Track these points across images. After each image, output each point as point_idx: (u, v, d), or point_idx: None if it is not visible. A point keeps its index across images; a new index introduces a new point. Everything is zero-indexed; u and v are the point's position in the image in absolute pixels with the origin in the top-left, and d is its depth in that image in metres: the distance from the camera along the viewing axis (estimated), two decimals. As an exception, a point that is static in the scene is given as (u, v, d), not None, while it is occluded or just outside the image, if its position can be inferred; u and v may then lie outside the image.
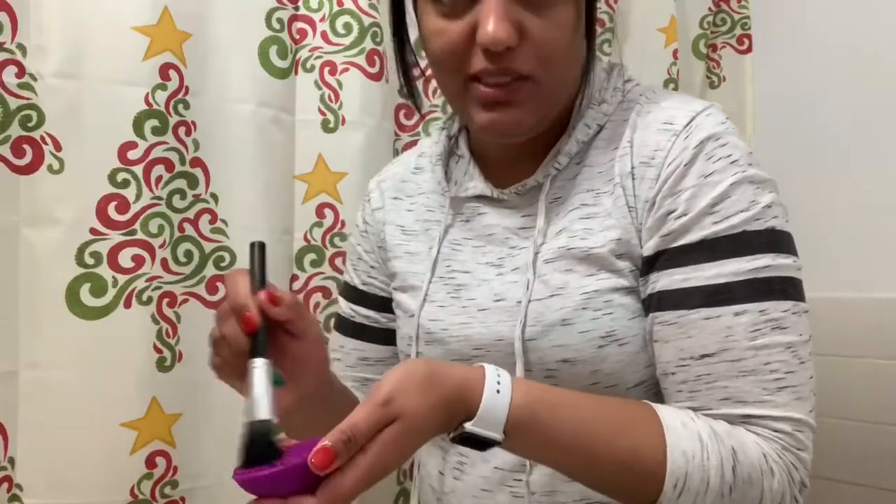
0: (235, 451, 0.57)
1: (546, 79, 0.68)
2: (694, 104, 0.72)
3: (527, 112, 0.69)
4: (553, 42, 0.67)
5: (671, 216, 0.67)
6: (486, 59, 0.66)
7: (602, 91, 0.75)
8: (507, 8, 0.65)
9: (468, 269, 0.78)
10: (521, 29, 0.65)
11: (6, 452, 1.01)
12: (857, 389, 1.35)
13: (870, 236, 1.36)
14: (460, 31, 0.67)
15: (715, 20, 1.58)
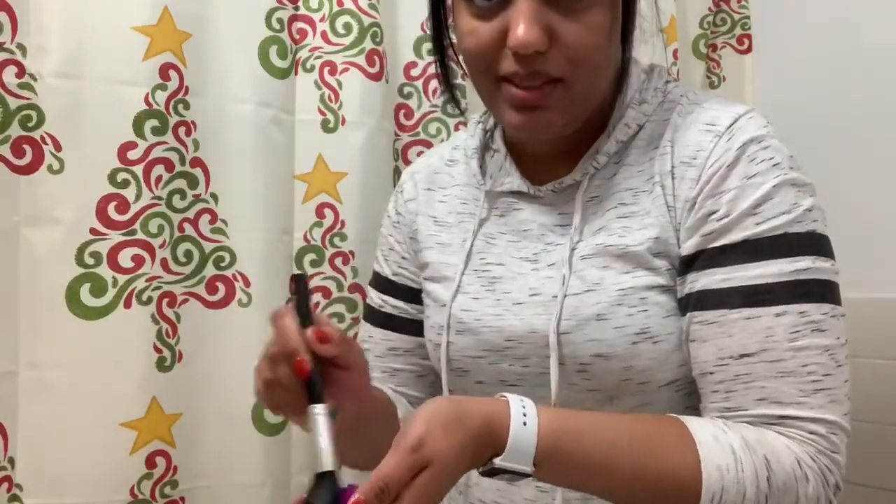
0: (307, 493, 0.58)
1: (577, 82, 0.68)
2: (736, 107, 0.72)
3: (557, 114, 0.70)
4: (584, 46, 0.66)
5: (713, 216, 0.68)
6: (515, 62, 0.67)
7: (642, 91, 0.75)
8: (538, 11, 0.65)
9: (503, 262, 0.79)
10: (552, 33, 0.65)
11: (6, 452, 1.01)
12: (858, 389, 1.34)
13: (870, 236, 1.36)
14: (491, 32, 0.67)
15: (715, 20, 1.58)
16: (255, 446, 1.13)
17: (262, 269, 1.14)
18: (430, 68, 1.28)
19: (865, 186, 1.37)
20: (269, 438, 1.13)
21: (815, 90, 1.46)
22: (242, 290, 1.13)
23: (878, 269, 1.35)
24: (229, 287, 1.13)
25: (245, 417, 1.12)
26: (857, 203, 1.38)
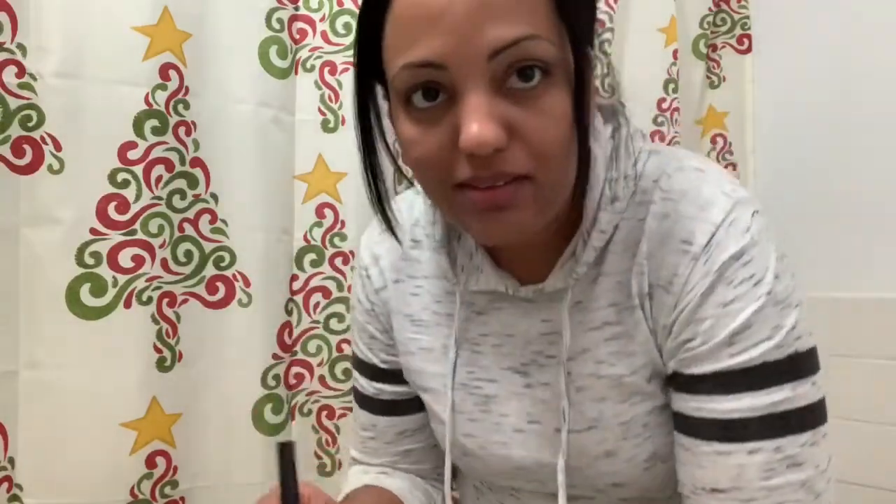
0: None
1: (546, 177, 0.59)
2: (713, 210, 0.63)
3: (528, 214, 0.60)
4: (548, 137, 0.57)
5: (688, 344, 0.63)
6: (472, 166, 0.57)
7: (612, 183, 0.67)
8: (491, 105, 0.55)
9: (493, 378, 0.73)
10: (510, 126, 0.56)
11: (6, 452, 1.01)
12: (858, 389, 1.35)
13: (870, 236, 1.36)
14: (440, 137, 0.58)
15: (715, 20, 1.58)
16: (255, 446, 1.13)
17: (262, 269, 1.14)
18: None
19: (865, 186, 1.37)
20: (269, 438, 1.13)
21: (814, 90, 1.46)
22: (242, 290, 1.13)
23: (878, 269, 1.35)
24: (229, 287, 1.13)
25: (245, 417, 1.12)
26: (856, 203, 1.38)
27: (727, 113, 1.58)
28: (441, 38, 0.55)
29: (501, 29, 0.54)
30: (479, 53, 0.54)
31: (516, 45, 0.55)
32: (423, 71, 0.56)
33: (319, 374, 1.19)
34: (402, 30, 0.57)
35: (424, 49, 0.55)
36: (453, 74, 0.55)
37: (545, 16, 0.56)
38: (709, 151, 1.58)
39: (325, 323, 1.19)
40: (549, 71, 0.56)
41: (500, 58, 0.55)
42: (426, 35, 0.55)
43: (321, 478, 1.19)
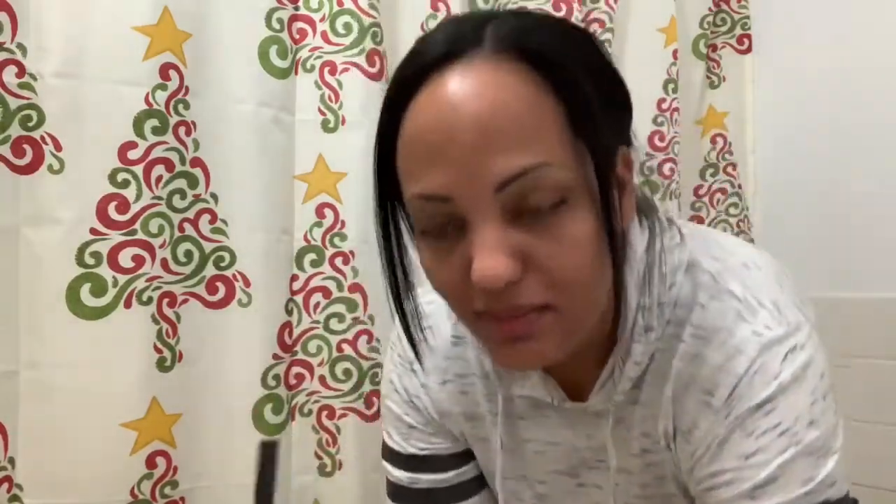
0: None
1: (568, 306, 0.55)
2: (740, 359, 0.59)
3: (550, 345, 0.56)
4: (567, 265, 0.53)
5: (711, 492, 0.60)
6: (486, 299, 0.54)
7: (645, 312, 0.62)
8: (502, 236, 0.52)
9: (542, 479, 0.72)
10: (524, 256, 0.53)
11: (6, 452, 1.01)
12: (857, 389, 1.35)
13: (870, 236, 1.36)
14: (454, 268, 0.55)
15: (715, 20, 1.58)
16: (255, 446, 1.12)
17: (262, 269, 1.14)
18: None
19: (865, 186, 1.37)
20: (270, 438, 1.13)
21: (814, 90, 1.46)
22: (242, 290, 1.13)
23: (878, 269, 1.35)
24: (229, 287, 1.13)
25: (245, 417, 1.12)
26: (856, 203, 1.38)
27: (727, 113, 1.59)
28: (445, 172, 0.52)
29: (508, 159, 0.51)
30: (485, 186, 0.51)
31: (524, 176, 0.51)
32: (430, 204, 0.54)
33: (319, 374, 1.19)
34: (409, 158, 0.55)
35: (430, 181, 0.53)
36: (460, 207, 0.53)
37: (557, 138, 0.53)
38: (709, 151, 1.58)
39: (326, 323, 1.19)
40: (565, 199, 0.53)
41: (509, 190, 0.52)
42: (431, 167, 0.53)
43: (321, 478, 1.19)
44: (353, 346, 1.19)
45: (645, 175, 0.64)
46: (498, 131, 0.51)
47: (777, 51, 1.55)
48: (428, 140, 0.53)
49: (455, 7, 1.29)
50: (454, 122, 0.52)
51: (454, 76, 0.53)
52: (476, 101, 0.51)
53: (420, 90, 0.54)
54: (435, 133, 0.52)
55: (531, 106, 0.52)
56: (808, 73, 1.48)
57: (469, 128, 0.51)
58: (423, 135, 0.53)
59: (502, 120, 0.51)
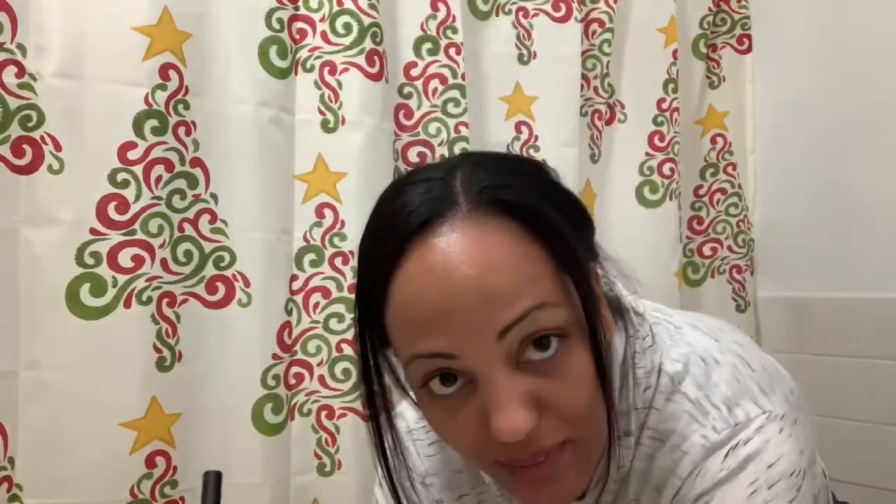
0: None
1: (584, 436, 0.57)
2: (684, 463, 0.61)
3: (573, 479, 0.58)
4: (578, 402, 0.55)
5: None
6: (508, 450, 0.54)
7: (623, 417, 0.63)
8: (513, 386, 0.53)
9: None
10: (538, 401, 0.54)
11: (6, 452, 1.01)
12: (857, 389, 1.35)
13: (870, 236, 1.36)
14: (468, 421, 0.55)
15: (715, 20, 1.58)
16: (255, 446, 1.13)
17: (262, 269, 1.14)
18: (430, 68, 1.28)
19: (865, 186, 1.37)
20: (269, 438, 1.13)
21: (814, 90, 1.46)
22: (242, 290, 1.13)
23: (878, 269, 1.35)
24: (229, 287, 1.13)
25: (245, 417, 1.12)
26: (857, 202, 1.38)
27: (727, 113, 1.58)
28: (447, 334, 0.53)
29: (506, 310, 0.53)
30: (488, 338, 0.53)
31: (525, 319, 0.53)
32: (435, 360, 0.54)
33: (319, 373, 1.19)
34: (405, 323, 0.55)
35: (432, 343, 0.53)
36: (466, 362, 0.53)
37: (548, 281, 0.54)
38: (709, 151, 1.58)
39: (325, 323, 1.19)
40: (563, 334, 0.54)
41: (511, 334, 0.53)
42: (432, 332, 0.53)
43: (320, 478, 1.19)
44: (352, 346, 1.18)
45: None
46: (495, 289, 0.53)
47: (777, 51, 1.55)
48: (425, 308, 0.53)
49: (455, 7, 1.29)
50: (450, 289, 0.52)
51: (440, 242, 0.54)
52: (469, 265, 0.53)
53: (404, 261, 0.55)
54: (433, 302, 0.53)
55: (520, 256, 0.54)
56: (808, 73, 1.47)
57: (467, 292, 0.52)
58: (419, 303, 0.54)
59: (497, 277, 0.53)
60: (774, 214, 1.56)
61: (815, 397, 1.42)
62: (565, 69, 1.39)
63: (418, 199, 0.56)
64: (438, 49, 1.28)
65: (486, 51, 1.36)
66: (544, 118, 1.37)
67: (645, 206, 1.47)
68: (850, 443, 1.36)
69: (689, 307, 1.51)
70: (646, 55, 1.48)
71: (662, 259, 1.45)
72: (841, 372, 1.38)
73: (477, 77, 1.34)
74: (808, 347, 1.45)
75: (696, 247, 1.57)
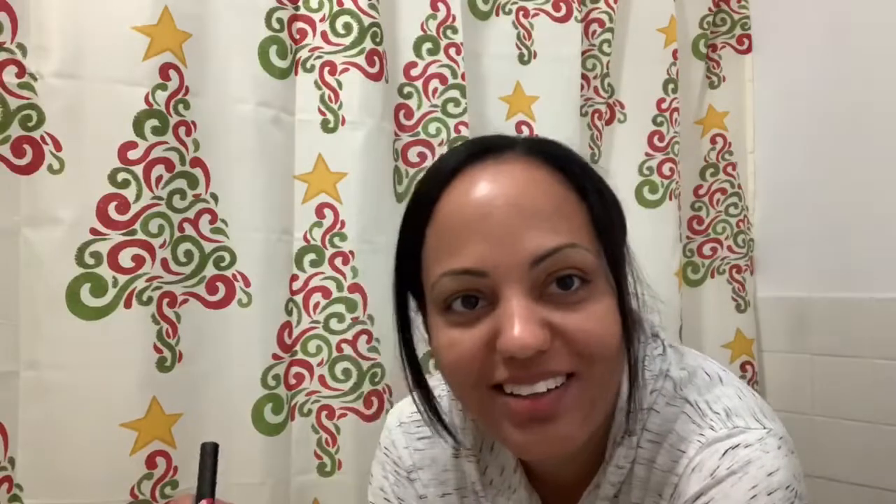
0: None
1: (591, 375, 0.57)
2: (682, 461, 0.61)
3: (575, 423, 0.58)
4: (592, 335, 0.57)
5: None
6: (511, 367, 0.56)
7: (628, 415, 0.64)
8: (532, 308, 0.55)
9: None
10: (552, 327, 0.56)
11: (6, 452, 1.01)
12: (857, 389, 1.35)
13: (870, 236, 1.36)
14: (476, 339, 0.57)
15: (715, 20, 1.58)
16: (255, 446, 1.13)
17: (262, 269, 1.14)
18: (430, 68, 1.28)
19: (865, 186, 1.37)
20: (269, 438, 1.14)
21: (814, 90, 1.46)
22: (242, 290, 1.13)
23: (879, 269, 1.35)
24: (229, 287, 1.13)
25: (245, 417, 1.12)
26: (856, 203, 1.38)
27: (727, 113, 1.59)
28: (482, 245, 0.56)
29: (542, 237, 0.56)
30: (520, 261, 0.56)
31: (557, 253, 0.56)
32: (465, 278, 0.57)
33: (319, 374, 1.19)
34: (444, 237, 0.58)
35: (465, 257, 0.57)
36: (494, 281, 0.56)
37: (583, 227, 0.59)
38: (709, 151, 1.58)
39: (325, 323, 1.19)
40: (587, 279, 0.57)
41: (542, 265, 0.56)
42: (468, 241, 0.57)
43: (321, 478, 1.19)
44: (352, 346, 1.19)
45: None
46: (532, 210, 0.57)
47: (777, 51, 1.55)
48: (466, 217, 0.57)
49: (455, 7, 1.29)
50: (493, 200, 0.57)
51: (488, 167, 0.59)
52: (511, 184, 0.58)
53: (455, 180, 0.59)
54: (474, 210, 0.57)
55: (560, 198, 0.59)
56: (808, 73, 1.48)
57: (507, 204, 0.57)
58: (461, 213, 0.58)
59: (536, 201, 0.57)
60: (774, 214, 1.56)
61: (815, 398, 1.42)
62: (565, 69, 1.39)
63: (477, 141, 0.63)
64: (438, 49, 1.28)
65: (486, 51, 1.37)
66: (544, 118, 1.37)
67: (645, 206, 1.47)
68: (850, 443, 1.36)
69: (689, 307, 1.52)
70: (646, 55, 1.48)
71: (662, 259, 1.45)
72: (841, 372, 1.37)
73: (477, 77, 1.34)
74: (808, 347, 1.45)
75: (696, 247, 1.57)
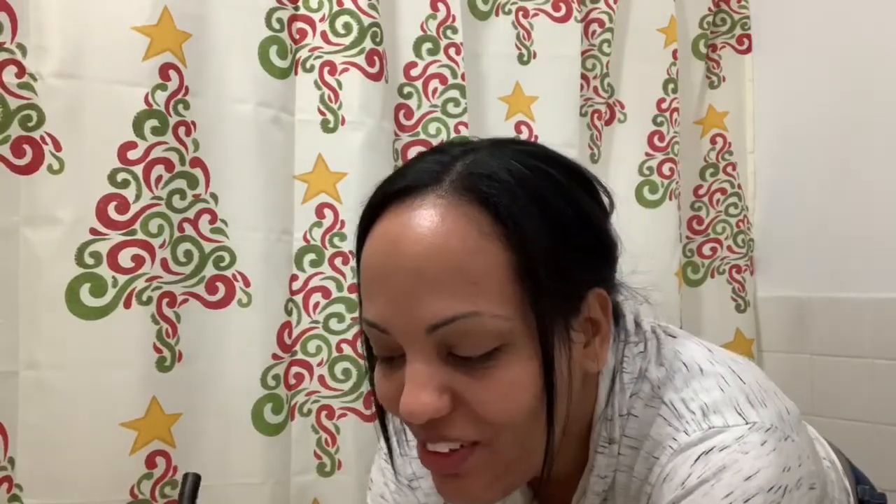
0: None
1: (499, 445, 0.55)
2: (656, 468, 0.58)
3: (479, 484, 0.56)
4: (496, 408, 0.53)
5: None
6: (416, 429, 0.56)
7: (607, 423, 0.61)
8: (431, 372, 0.53)
9: None
10: (454, 394, 0.53)
11: (6, 452, 1.01)
12: (857, 389, 1.35)
13: (869, 236, 1.36)
14: (393, 389, 0.55)
15: (715, 20, 1.58)
16: (255, 446, 1.13)
17: (262, 269, 1.14)
18: (429, 68, 1.28)
19: (865, 186, 1.37)
20: (269, 438, 1.13)
21: (815, 90, 1.46)
22: (242, 290, 1.13)
23: (878, 269, 1.35)
24: (229, 287, 1.13)
25: (245, 417, 1.12)
26: (857, 203, 1.38)
27: (727, 113, 1.58)
28: (384, 305, 0.54)
29: (439, 304, 0.52)
30: (417, 325, 0.53)
31: (453, 323, 0.52)
32: (372, 329, 0.56)
33: (319, 374, 1.19)
34: (362, 281, 0.57)
35: (373, 310, 0.55)
36: (396, 340, 0.54)
37: (496, 290, 0.52)
38: (709, 151, 1.58)
39: (325, 323, 1.19)
40: (502, 345, 0.53)
41: (439, 333, 0.52)
42: (374, 297, 0.55)
43: (321, 478, 1.19)
44: (352, 346, 1.19)
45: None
46: (433, 276, 0.52)
47: (777, 51, 1.55)
48: (373, 272, 0.55)
49: (455, 7, 1.29)
50: (395, 260, 0.53)
51: (406, 212, 0.54)
52: (417, 243, 0.52)
53: (381, 217, 0.56)
54: (378, 267, 0.55)
55: (473, 253, 0.52)
56: (808, 73, 1.47)
57: (406, 267, 0.53)
58: (370, 267, 0.56)
59: (438, 265, 0.52)
60: (774, 214, 1.56)
61: (815, 397, 1.42)
62: (565, 69, 1.39)
63: (416, 167, 0.57)
64: (438, 49, 1.28)
65: (485, 51, 1.36)
66: (544, 118, 1.37)
67: (645, 206, 1.47)
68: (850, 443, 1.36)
69: (689, 307, 1.51)
70: (646, 55, 1.48)
71: (662, 259, 1.45)
72: (841, 372, 1.37)
73: (477, 77, 1.34)
74: (807, 347, 1.45)
75: (695, 247, 1.57)
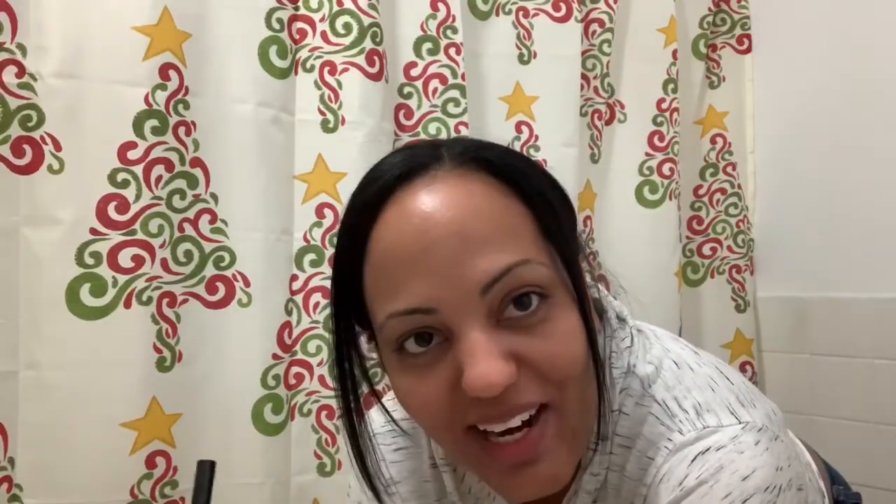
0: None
1: (565, 404, 0.54)
2: (650, 470, 0.57)
3: (560, 460, 0.54)
4: (561, 360, 0.52)
5: None
6: (480, 407, 0.52)
7: (601, 420, 0.60)
8: (493, 339, 0.51)
9: None
10: (517, 357, 0.51)
11: (6, 452, 1.01)
12: (857, 389, 1.35)
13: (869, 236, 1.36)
14: (439, 383, 0.52)
15: (715, 20, 1.58)
16: (255, 446, 1.13)
17: (262, 269, 1.14)
18: (429, 68, 1.28)
19: (865, 186, 1.37)
20: (269, 438, 1.13)
21: (814, 90, 1.46)
22: (242, 290, 1.13)
23: (878, 269, 1.35)
24: (229, 287, 1.13)
25: (245, 417, 1.12)
26: (856, 203, 1.38)
27: (727, 113, 1.59)
28: (426, 281, 0.51)
29: (489, 260, 0.51)
30: (469, 291, 0.51)
31: (508, 274, 0.51)
32: (413, 318, 0.52)
33: (319, 373, 1.19)
34: (383, 277, 0.53)
35: (410, 295, 0.51)
36: (445, 316, 0.51)
37: (531, 240, 0.53)
38: (709, 151, 1.58)
39: (325, 323, 1.19)
40: (546, 294, 0.52)
41: (494, 291, 0.51)
42: (410, 279, 0.51)
43: (321, 478, 1.19)
44: (352, 346, 1.19)
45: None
46: (476, 235, 0.51)
47: (777, 51, 1.55)
48: (404, 254, 0.52)
49: (455, 7, 1.29)
50: (431, 231, 0.51)
51: (420, 190, 0.53)
52: (449, 208, 0.52)
53: (384, 210, 0.53)
54: (411, 245, 0.51)
55: (503, 209, 0.53)
56: (808, 73, 1.48)
57: (447, 234, 0.51)
58: (399, 250, 0.52)
59: (478, 223, 0.51)
60: (774, 214, 1.56)
61: (815, 397, 1.42)
62: (565, 69, 1.39)
63: (401, 159, 0.55)
64: (438, 49, 1.28)
65: (486, 51, 1.37)
66: (544, 118, 1.37)
67: (645, 206, 1.47)
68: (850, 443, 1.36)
69: (689, 307, 1.52)
70: (646, 55, 1.48)
71: (662, 259, 1.45)
72: (841, 372, 1.38)
73: (477, 77, 1.34)
74: (807, 347, 1.45)
75: (695, 247, 1.57)
